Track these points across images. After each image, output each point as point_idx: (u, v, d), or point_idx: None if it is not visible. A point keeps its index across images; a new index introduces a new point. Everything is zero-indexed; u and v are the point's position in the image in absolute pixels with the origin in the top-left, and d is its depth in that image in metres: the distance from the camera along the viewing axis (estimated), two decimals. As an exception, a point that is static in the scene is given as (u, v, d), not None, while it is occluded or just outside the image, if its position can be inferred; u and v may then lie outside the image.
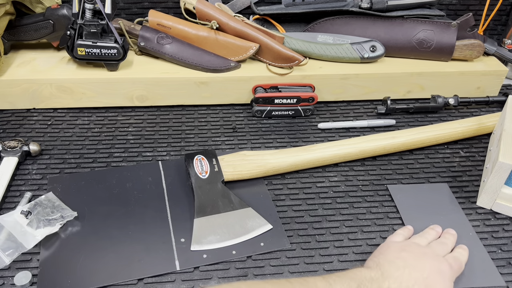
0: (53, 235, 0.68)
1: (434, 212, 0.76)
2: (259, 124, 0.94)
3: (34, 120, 0.92)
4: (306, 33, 1.04)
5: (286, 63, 0.97)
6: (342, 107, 1.01)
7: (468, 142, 0.92)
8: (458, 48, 1.02)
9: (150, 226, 0.71)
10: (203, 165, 0.78)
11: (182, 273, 0.65)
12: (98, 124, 0.92)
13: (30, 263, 0.65)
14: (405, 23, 1.02)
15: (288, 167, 0.81)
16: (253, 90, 0.96)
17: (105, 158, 0.84)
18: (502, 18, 1.18)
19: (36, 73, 0.92)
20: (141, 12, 1.08)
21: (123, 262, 0.66)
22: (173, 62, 0.98)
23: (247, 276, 0.65)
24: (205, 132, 0.92)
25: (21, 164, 0.81)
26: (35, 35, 0.96)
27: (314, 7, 1.03)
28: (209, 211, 0.72)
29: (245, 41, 0.98)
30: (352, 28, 1.03)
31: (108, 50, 0.90)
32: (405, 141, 0.87)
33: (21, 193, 0.76)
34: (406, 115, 0.99)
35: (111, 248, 0.67)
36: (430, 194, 0.80)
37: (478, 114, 1.00)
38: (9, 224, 0.68)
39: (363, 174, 0.83)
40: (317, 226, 0.73)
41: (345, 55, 1.00)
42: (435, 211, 0.77)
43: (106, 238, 0.69)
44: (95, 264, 0.65)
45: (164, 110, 0.97)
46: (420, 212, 0.76)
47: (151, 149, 0.87)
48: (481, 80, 1.03)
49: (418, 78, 1.01)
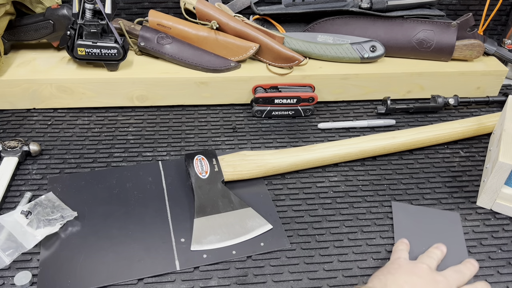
0: (53, 235, 0.68)
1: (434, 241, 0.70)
2: (259, 124, 0.94)
3: (34, 120, 0.92)
4: (306, 33, 1.04)
5: (286, 63, 0.97)
6: (342, 107, 1.01)
7: (468, 142, 0.92)
8: (458, 48, 1.02)
9: (150, 226, 0.71)
10: (203, 165, 0.78)
11: (182, 273, 0.65)
12: (98, 124, 0.92)
13: (30, 263, 0.65)
14: (405, 23, 1.02)
15: (288, 167, 0.81)
16: (253, 90, 0.96)
17: (105, 158, 0.84)
18: (502, 18, 1.18)
19: (36, 73, 0.92)
20: (141, 12, 1.08)
21: (123, 262, 0.66)
22: (173, 62, 0.98)
23: (247, 276, 0.65)
24: (205, 132, 0.92)
25: (21, 164, 0.81)
26: (35, 35, 0.96)
27: (314, 7, 1.03)
28: (209, 211, 0.72)
29: (245, 41, 0.98)
30: (352, 28, 1.03)
31: (108, 50, 0.90)
32: (405, 141, 0.87)
33: (21, 193, 0.76)
34: (406, 115, 0.99)
35: (111, 248, 0.67)
36: (437, 221, 0.74)
37: (478, 114, 1.00)
38: (9, 224, 0.68)
39: (363, 174, 0.83)
40: (317, 226, 0.73)
41: (345, 55, 1.00)
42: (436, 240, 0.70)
43: (106, 238, 0.69)
44: (95, 264, 0.65)
45: (164, 110, 0.97)
46: (418, 238, 0.70)
47: (151, 149, 0.87)
48: (481, 80, 1.03)
49: (418, 78, 1.01)
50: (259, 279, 0.65)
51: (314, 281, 0.65)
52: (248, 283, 0.65)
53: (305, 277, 0.66)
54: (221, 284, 0.64)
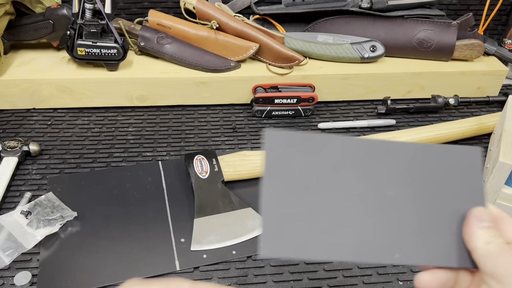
0: (53, 235, 0.68)
1: None
2: (259, 124, 0.94)
3: (34, 120, 0.92)
4: (306, 33, 1.04)
5: (286, 63, 0.97)
6: (342, 107, 1.01)
7: (468, 142, 0.92)
8: (458, 48, 1.02)
9: (150, 226, 0.71)
10: (203, 165, 0.78)
11: (182, 273, 0.65)
12: (98, 124, 0.92)
13: (30, 263, 0.65)
14: (405, 23, 1.02)
15: (288, 167, 0.81)
16: (253, 90, 0.96)
17: (105, 158, 0.84)
18: (502, 18, 1.18)
19: (36, 73, 0.92)
20: (141, 12, 1.07)
21: (123, 262, 0.66)
22: (173, 62, 0.97)
23: (247, 276, 0.65)
24: (205, 132, 0.92)
25: (21, 164, 0.81)
26: (35, 35, 0.96)
27: (314, 7, 1.03)
28: (209, 211, 0.72)
29: (245, 41, 0.97)
30: (352, 28, 1.03)
31: (108, 50, 0.90)
32: (405, 141, 0.86)
33: (21, 193, 0.76)
34: (406, 115, 0.99)
35: (111, 248, 0.67)
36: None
37: (478, 114, 1.00)
38: (9, 224, 0.68)
39: (363, 174, 0.83)
40: (317, 226, 0.73)
41: (345, 55, 1.00)
42: None
43: (106, 238, 0.69)
44: (95, 264, 0.65)
45: (164, 110, 0.97)
46: None
47: (151, 149, 0.87)
48: (481, 80, 1.03)
49: (418, 78, 1.01)
50: (259, 279, 0.65)
51: (314, 281, 0.65)
52: (248, 283, 0.65)
53: (305, 277, 0.66)
54: (221, 284, 0.64)
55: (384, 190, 0.41)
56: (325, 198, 0.39)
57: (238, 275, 0.65)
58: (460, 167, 0.43)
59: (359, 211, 0.40)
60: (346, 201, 0.40)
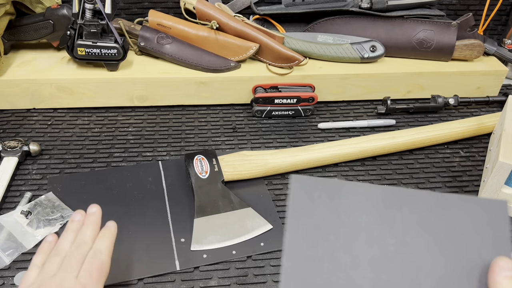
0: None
1: None
2: (259, 124, 0.94)
3: (34, 120, 0.92)
4: (306, 33, 1.04)
5: (286, 63, 0.97)
6: (342, 107, 1.01)
7: (468, 142, 0.92)
8: (458, 48, 1.02)
9: (150, 226, 0.71)
10: (203, 165, 0.78)
11: (182, 273, 0.65)
12: (98, 124, 0.92)
13: (30, 263, 0.65)
14: (405, 23, 1.02)
15: (288, 167, 0.81)
16: (253, 90, 0.96)
17: (105, 158, 0.84)
18: (502, 18, 1.18)
19: (36, 73, 0.92)
20: (141, 12, 1.08)
21: (123, 262, 0.66)
22: (173, 62, 0.98)
23: (247, 276, 0.65)
24: (205, 132, 0.92)
25: (21, 164, 0.81)
26: (35, 35, 0.96)
27: (314, 7, 1.03)
28: (209, 211, 0.72)
29: (245, 41, 0.98)
30: (352, 28, 1.03)
31: (108, 50, 0.90)
32: (405, 141, 0.87)
33: (21, 193, 0.76)
34: (406, 115, 0.99)
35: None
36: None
37: (478, 114, 1.00)
38: (9, 224, 0.68)
39: (363, 174, 0.83)
40: (317, 226, 0.73)
41: (345, 55, 1.00)
42: None
43: (106, 238, 0.69)
44: (95, 264, 0.65)
45: (164, 110, 0.97)
46: None
47: (151, 149, 0.87)
48: (481, 80, 1.03)
49: (418, 78, 1.01)
50: (259, 279, 0.65)
51: (314, 281, 0.65)
52: (248, 283, 0.65)
53: (305, 277, 0.66)
54: (221, 284, 0.64)
55: (404, 237, 0.42)
56: (345, 243, 0.41)
57: (238, 275, 0.66)
58: (485, 217, 0.43)
59: (379, 257, 0.41)
60: (366, 246, 0.41)
